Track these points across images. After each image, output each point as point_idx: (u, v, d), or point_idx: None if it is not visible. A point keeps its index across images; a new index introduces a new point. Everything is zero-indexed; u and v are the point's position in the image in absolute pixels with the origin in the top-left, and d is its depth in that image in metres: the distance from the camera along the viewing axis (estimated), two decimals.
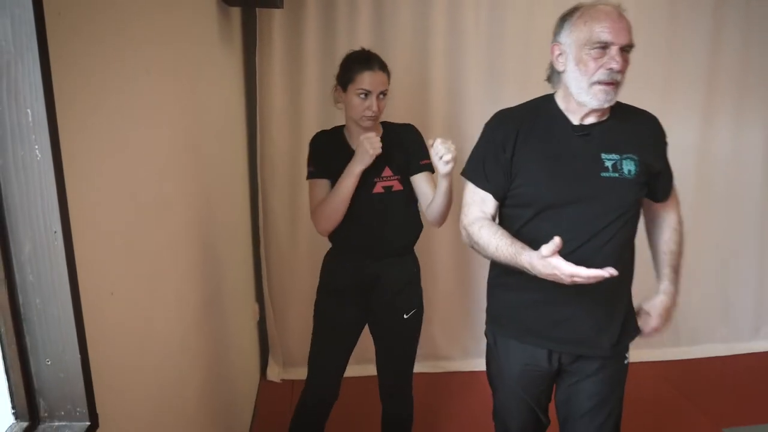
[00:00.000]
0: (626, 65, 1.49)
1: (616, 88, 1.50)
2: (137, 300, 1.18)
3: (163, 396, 1.34)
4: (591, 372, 1.66)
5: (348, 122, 2.01)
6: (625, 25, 1.48)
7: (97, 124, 0.99)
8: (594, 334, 1.62)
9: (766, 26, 3.29)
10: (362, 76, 1.88)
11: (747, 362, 3.48)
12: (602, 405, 1.68)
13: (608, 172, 1.54)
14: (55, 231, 0.85)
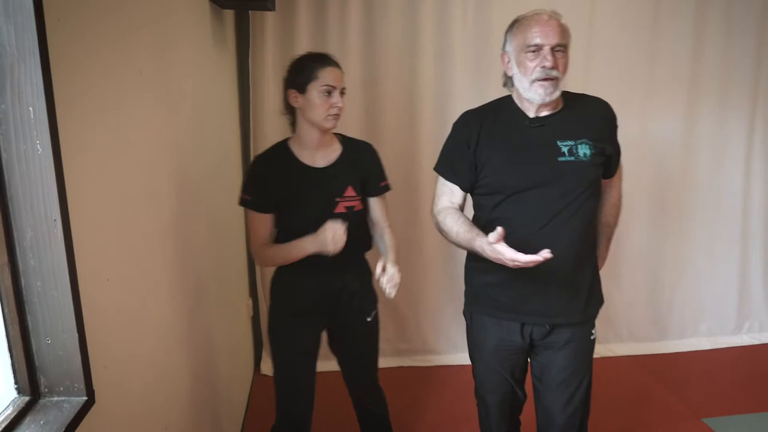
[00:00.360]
0: (563, 62, 1.67)
1: (555, 83, 1.67)
2: (131, 288, 1.25)
3: (156, 379, 1.41)
4: (560, 347, 1.81)
5: (302, 129, 1.86)
6: (554, 28, 1.66)
7: (94, 121, 1.07)
8: (562, 305, 1.77)
9: (746, 29, 3.38)
10: (326, 71, 1.78)
11: (730, 356, 3.56)
12: (572, 377, 1.83)
13: (565, 157, 1.70)
14: (55, 219, 0.93)
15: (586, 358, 1.84)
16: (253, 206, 1.85)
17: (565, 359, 1.81)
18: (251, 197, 1.85)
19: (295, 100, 1.80)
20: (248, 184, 1.88)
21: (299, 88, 1.79)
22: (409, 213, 3.29)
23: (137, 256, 1.29)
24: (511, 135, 1.74)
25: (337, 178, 1.86)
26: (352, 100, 3.12)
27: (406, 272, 3.33)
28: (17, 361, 0.97)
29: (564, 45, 1.67)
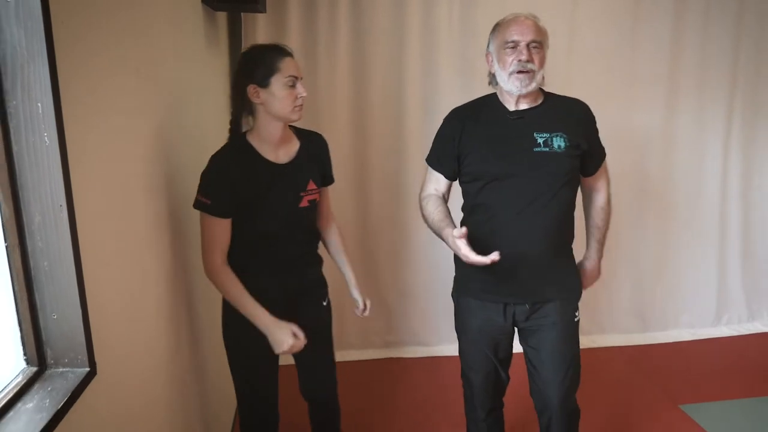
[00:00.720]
0: (539, 57, 1.83)
1: (531, 76, 1.82)
2: (128, 272, 1.35)
3: (153, 357, 1.51)
4: (546, 330, 1.95)
5: (264, 125, 1.74)
6: (530, 27, 1.83)
7: (96, 116, 1.17)
8: (539, 285, 1.91)
9: (723, 27, 3.50)
10: (286, 62, 1.68)
11: (709, 347, 3.67)
12: (563, 358, 1.96)
13: (540, 147, 1.83)
14: (61, 205, 1.02)
15: (573, 339, 1.99)
16: (214, 211, 1.68)
17: (552, 343, 1.94)
18: (211, 200, 1.67)
19: (256, 95, 1.68)
20: (207, 186, 1.68)
21: (260, 82, 1.67)
22: (397, 208, 3.39)
23: (134, 243, 1.39)
24: (492, 127, 1.89)
25: (300, 172, 1.83)
26: (341, 97, 3.23)
27: (394, 267, 3.46)
28: (26, 335, 1.07)
29: (539, 41, 1.82)
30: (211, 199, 1.67)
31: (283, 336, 1.73)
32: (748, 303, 3.87)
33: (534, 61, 1.80)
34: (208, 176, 1.69)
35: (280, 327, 1.74)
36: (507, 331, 2.00)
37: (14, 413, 0.97)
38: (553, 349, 1.96)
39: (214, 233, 1.70)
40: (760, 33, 3.55)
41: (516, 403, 2.38)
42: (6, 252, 1.02)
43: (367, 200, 3.38)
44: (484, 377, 2.05)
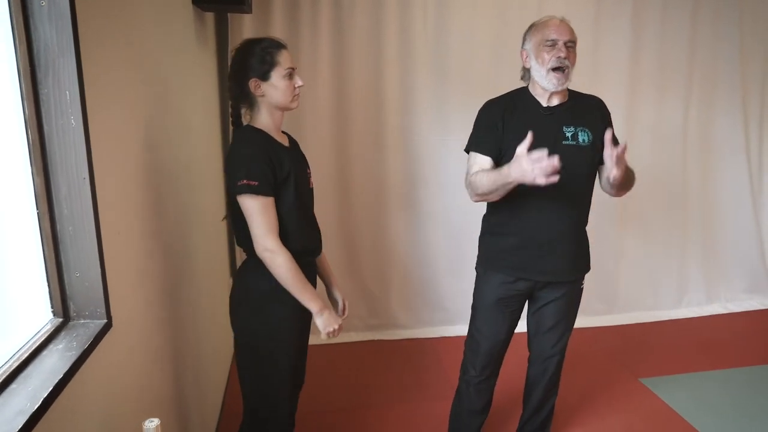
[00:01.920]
0: (573, 56, 2.02)
1: (566, 74, 2.01)
2: (138, 239, 1.53)
3: (158, 312, 1.70)
4: (556, 298, 2.22)
5: (266, 115, 1.80)
6: (566, 27, 2.03)
7: (111, 104, 1.35)
8: (563, 267, 2.17)
9: (680, 30, 3.75)
10: (284, 55, 1.77)
11: (670, 327, 3.93)
12: (562, 322, 2.28)
13: (568, 141, 2.05)
14: (84, 178, 1.20)
15: (574, 306, 2.29)
16: (263, 190, 1.68)
17: (558, 308, 2.23)
18: (259, 181, 1.67)
19: (258, 88, 1.75)
20: (250, 169, 1.68)
21: (262, 76, 1.74)
22: (377, 201, 3.59)
23: (143, 213, 1.57)
24: (527, 119, 2.05)
25: (300, 154, 1.93)
26: (323, 94, 3.41)
27: (376, 254, 3.65)
28: (53, 291, 1.24)
29: (573, 42, 2.02)
30: (258, 180, 1.67)
31: (334, 318, 1.81)
32: (707, 287, 4.13)
33: (570, 59, 2.00)
34: (248, 159, 1.69)
35: (331, 309, 1.84)
36: (521, 306, 2.27)
37: (48, 352, 1.14)
38: (558, 318, 2.25)
39: (267, 213, 1.70)
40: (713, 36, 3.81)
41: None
42: (37, 218, 1.19)
43: (348, 192, 3.57)
44: (492, 345, 2.29)
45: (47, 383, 1.02)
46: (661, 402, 2.94)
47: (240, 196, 1.69)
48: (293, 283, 1.73)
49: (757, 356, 3.44)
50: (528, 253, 2.12)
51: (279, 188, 1.74)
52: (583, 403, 2.95)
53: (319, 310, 1.78)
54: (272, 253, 1.70)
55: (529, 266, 2.14)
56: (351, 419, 2.83)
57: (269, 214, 1.70)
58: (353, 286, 3.68)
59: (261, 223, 1.69)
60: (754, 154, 4.09)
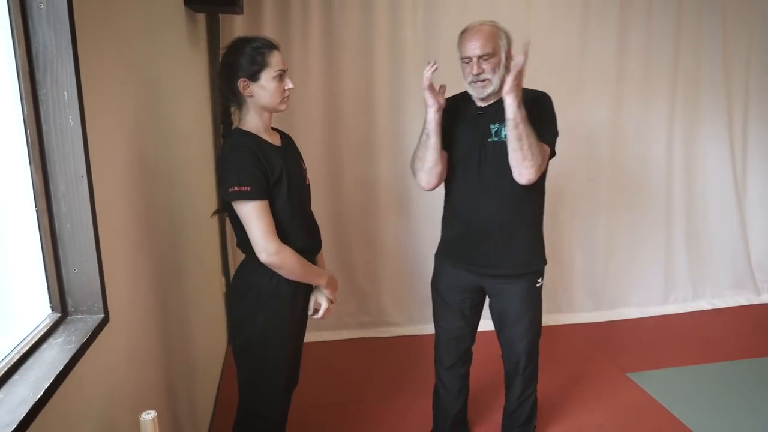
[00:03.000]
0: (490, 65, 2.07)
1: (485, 83, 2.09)
2: (134, 237, 1.56)
3: (153, 308, 1.73)
4: (508, 294, 2.27)
5: (254, 115, 1.79)
6: (478, 41, 2.05)
7: (108, 103, 1.38)
8: (501, 260, 2.22)
9: (665, 34, 3.82)
10: (275, 56, 1.75)
11: (656, 323, 3.99)
12: (520, 322, 2.30)
13: (492, 137, 2.14)
14: (82, 176, 1.23)
15: (534, 301, 2.30)
16: (255, 195, 1.68)
17: (515, 305, 2.27)
18: (251, 186, 1.67)
19: (247, 88, 1.73)
20: (241, 174, 1.67)
21: (251, 76, 1.72)
22: (368, 199, 3.63)
23: (137, 212, 1.60)
24: (463, 120, 2.20)
25: (295, 151, 1.94)
26: (314, 95, 3.45)
27: (367, 252, 3.69)
28: (51, 286, 1.27)
29: (489, 53, 2.05)
30: (250, 185, 1.66)
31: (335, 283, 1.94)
32: (693, 284, 4.20)
33: (486, 72, 2.06)
34: (239, 165, 1.68)
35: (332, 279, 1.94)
36: (474, 294, 2.32)
37: (47, 345, 1.17)
38: (516, 314, 2.28)
39: (263, 217, 1.69)
40: (697, 38, 3.88)
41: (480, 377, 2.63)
42: (36, 215, 1.22)
43: (339, 191, 3.61)
44: (449, 334, 2.38)
45: (48, 374, 1.05)
46: (648, 396, 2.99)
47: (234, 203, 1.70)
48: (303, 274, 1.82)
49: (741, 351, 3.51)
50: (466, 244, 2.25)
51: (272, 190, 1.73)
52: (570, 397, 3.00)
53: (325, 280, 1.91)
54: (276, 255, 1.71)
55: (468, 256, 2.25)
56: (343, 415, 2.87)
57: (266, 217, 1.70)
58: (345, 283, 3.71)
59: (259, 226, 1.70)
60: (738, 151, 4.17)
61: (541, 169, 2.06)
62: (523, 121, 1.97)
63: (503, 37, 2.10)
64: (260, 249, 1.70)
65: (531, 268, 2.27)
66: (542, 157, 2.05)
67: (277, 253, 1.71)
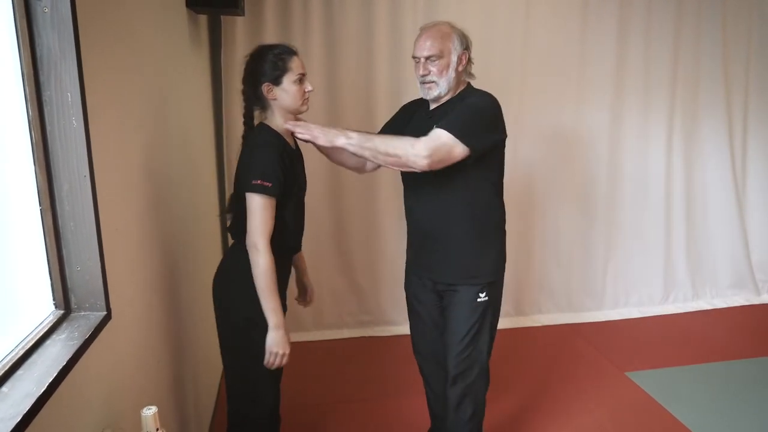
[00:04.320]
0: (438, 68, 2.02)
1: (431, 85, 2.05)
2: (136, 235, 1.59)
3: (156, 306, 1.76)
4: (450, 304, 2.18)
5: (278, 117, 1.89)
6: (426, 43, 2.02)
7: (110, 105, 1.41)
8: (444, 268, 2.16)
9: (665, 33, 3.84)
10: (295, 61, 1.86)
11: (656, 323, 4.01)
12: (458, 329, 2.15)
13: None
14: (85, 175, 1.26)
15: (472, 316, 2.13)
16: (274, 192, 1.78)
17: (453, 315, 2.17)
18: (273, 183, 1.77)
19: (271, 92, 1.84)
20: (268, 170, 1.77)
21: (274, 81, 1.83)
22: (368, 200, 3.65)
23: (140, 211, 1.63)
24: (416, 122, 2.14)
25: (301, 155, 2.03)
26: (316, 96, 3.46)
27: (367, 252, 3.71)
28: (55, 283, 1.30)
29: (435, 55, 2.01)
30: (272, 182, 1.76)
31: (286, 343, 1.82)
32: (692, 284, 4.21)
33: (432, 74, 2.02)
34: (266, 160, 1.78)
35: (287, 332, 1.84)
36: (433, 292, 2.24)
37: (51, 341, 1.20)
38: (453, 326, 2.17)
39: (268, 214, 1.78)
40: (697, 37, 3.90)
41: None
42: (40, 214, 1.25)
43: (340, 192, 3.63)
44: (416, 340, 2.39)
45: (51, 369, 1.07)
46: (647, 395, 3.01)
47: (251, 194, 1.77)
48: (264, 288, 1.78)
49: (740, 351, 3.52)
50: (413, 249, 2.26)
51: (286, 190, 1.83)
52: (569, 397, 3.02)
53: (277, 326, 1.81)
54: (258, 252, 1.77)
55: (416, 261, 2.25)
56: (343, 413, 2.89)
57: (270, 215, 1.79)
58: (344, 282, 3.74)
59: (260, 221, 1.77)
60: (738, 151, 4.18)
61: (420, 156, 1.88)
62: (357, 144, 1.90)
63: (456, 40, 2.03)
64: (250, 238, 1.78)
65: (469, 280, 2.12)
66: (412, 147, 1.89)
67: (261, 252, 1.77)
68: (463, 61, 2.05)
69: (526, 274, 3.94)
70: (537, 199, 3.89)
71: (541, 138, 3.80)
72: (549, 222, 3.94)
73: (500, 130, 2.07)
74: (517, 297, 3.94)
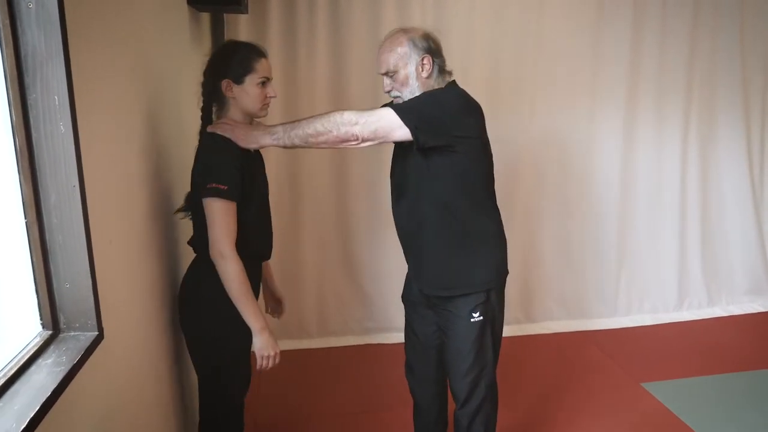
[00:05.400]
0: (397, 84, 1.89)
1: (398, 99, 1.92)
2: (129, 249, 1.49)
3: (150, 326, 1.66)
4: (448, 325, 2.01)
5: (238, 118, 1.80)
6: (381, 56, 1.90)
7: (103, 109, 1.31)
8: (431, 277, 2.02)
9: (680, 36, 3.73)
10: (262, 63, 1.77)
11: (671, 330, 3.89)
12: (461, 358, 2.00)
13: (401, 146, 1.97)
14: (74, 186, 1.16)
15: (469, 337, 1.97)
16: (231, 195, 1.67)
17: (452, 340, 2.01)
18: (228, 185, 1.66)
19: (230, 89, 1.74)
20: (222, 172, 1.67)
21: (236, 78, 1.74)
22: (373, 204, 3.54)
23: (133, 223, 1.53)
24: None
25: (261, 159, 1.93)
26: (320, 97, 3.37)
27: (372, 257, 3.61)
28: (42, 302, 1.20)
29: (390, 71, 1.88)
30: (228, 184, 1.66)
31: (274, 342, 1.75)
32: (708, 290, 4.09)
33: (395, 89, 1.90)
34: (220, 163, 1.69)
35: (272, 332, 1.76)
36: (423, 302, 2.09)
37: (36, 367, 1.10)
38: (452, 350, 2.02)
39: (229, 219, 1.68)
40: (715, 32, 3.78)
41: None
42: (26, 227, 1.15)
43: (345, 197, 3.53)
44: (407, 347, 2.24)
45: (35, 402, 0.98)
46: (664, 407, 2.90)
47: (207, 199, 1.67)
48: (239, 295, 1.70)
49: (759, 360, 3.40)
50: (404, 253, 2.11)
51: (246, 192, 1.73)
52: (584, 407, 2.91)
53: (261, 329, 1.74)
54: (226, 260, 1.67)
55: (409, 266, 2.12)
56: (348, 423, 2.80)
57: (231, 219, 1.69)
58: (350, 288, 3.65)
59: (222, 227, 1.67)
60: (756, 155, 4.06)
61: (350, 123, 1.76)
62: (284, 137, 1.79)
63: (410, 48, 1.87)
64: (214, 247, 1.67)
65: (453, 291, 1.96)
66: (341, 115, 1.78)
67: (227, 258, 1.67)
68: (427, 67, 1.89)
69: (536, 280, 3.83)
70: (548, 203, 3.78)
71: (553, 141, 3.69)
72: (560, 226, 3.82)
73: (465, 127, 1.87)
74: (527, 303, 3.84)
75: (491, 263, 2.01)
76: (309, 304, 3.58)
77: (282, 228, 3.38)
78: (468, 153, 1.89)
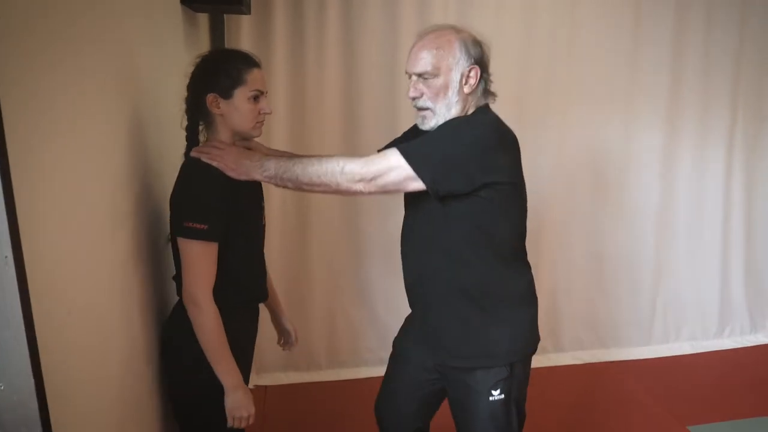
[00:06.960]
0: (432, 90, 1.54)
1: (428, 113, 1.56)
2: (95, 317, 1.17)
3: (125, 415, 1.33)
4: (453, 400, 1.72)
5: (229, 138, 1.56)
6: (420, 53, 1.53)
7: (48, 144, 0.98)
8: (439, 341, 1.67)
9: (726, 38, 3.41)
10: (254, 74, 1.52)
11: (712, 360, 3.58)
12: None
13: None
14: (6, 256, 0.84)
15: (488, 422, 1.63)
16: (211, 236, 1.46)
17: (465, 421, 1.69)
18: (208, 225, 1.44)
19: (216, 105, 1.50)
20: (201, 210, 1.45)
21: (223, 92, 1.50)
22: (388, 223, 3.22)
23: (102, 284, 1.21)
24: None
25: (258, 186, 1.68)
26: (331, 105, 3.06)
27: (387, 281, 3.29)
28: None
29: (428, 72, 1.53)
30: (208, 224, 1.44)
31: (248, 403, 1.53)
32: (750, 314, 3.79)
33: (425, 96, 1.54)
34: (200, 199, 1.46)
35: (247, 389, 1.54)
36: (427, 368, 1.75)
37: None
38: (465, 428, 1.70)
39: (207, 262, 1.47)
40: (763, 38, 3.46)
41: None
42: None
43: (357, 214, 3.22)
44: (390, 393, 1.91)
45: None
46: None
47: (182, 240, 1.46)
48: (212, 348, 1.48)
49: None
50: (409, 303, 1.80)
51: (230, 225, 1.51)
52: None
53: (234, 387, 1.51)
54: (198, 309, 1.46)
55: (412, 325, 1.83)
56: None
57: (209, 263, 1.48)
58: (364, 315, 3.34)
59: (197, 271, 1.46)
60: None
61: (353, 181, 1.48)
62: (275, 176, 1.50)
63: (460, 51, 1.53)
64: (187, 291, 1.47)
65: (468, 361, 1.62)
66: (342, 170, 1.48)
67: (199, 308, 1.46)
68: (471, 79, 1.55)
69: (566, 305, 3.50)
70: (578, 220, 3.46)
71: (585, 154, 3.37)
72: (591, 246, 3.50)
73: (495, 171, 1.51)
74: (555, 331, 3.51)
75: (517, 332, 1.66)
76: (318, 333, 3.27)
77: (289, 251, 3.10)
78: (495, 200, 1.53)
